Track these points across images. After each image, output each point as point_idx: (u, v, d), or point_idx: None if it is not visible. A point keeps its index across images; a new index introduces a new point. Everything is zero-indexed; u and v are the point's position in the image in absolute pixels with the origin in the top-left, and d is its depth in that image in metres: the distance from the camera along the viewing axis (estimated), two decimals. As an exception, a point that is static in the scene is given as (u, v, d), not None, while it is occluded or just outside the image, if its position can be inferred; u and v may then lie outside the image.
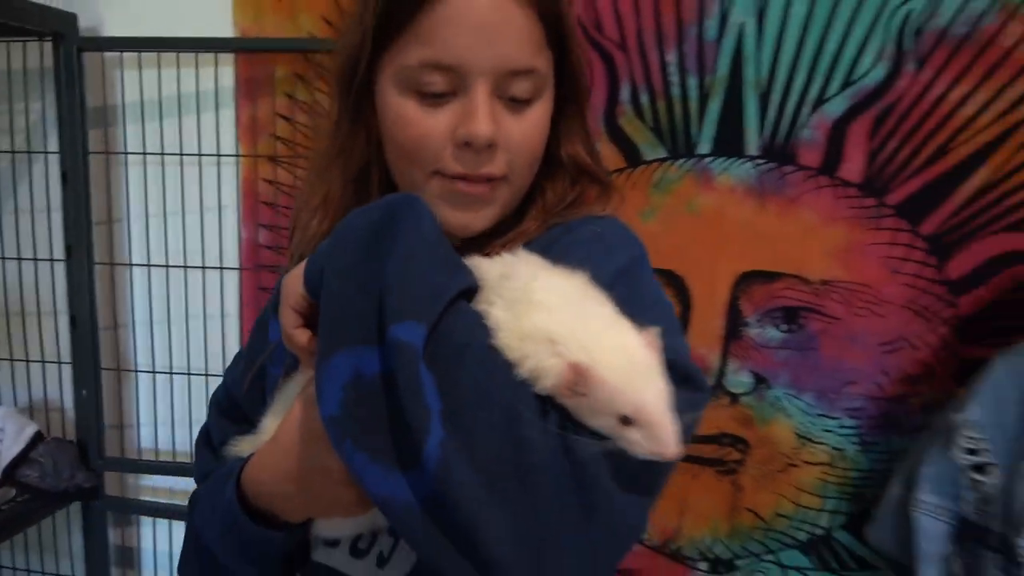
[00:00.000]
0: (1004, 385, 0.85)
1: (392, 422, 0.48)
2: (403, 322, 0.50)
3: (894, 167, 1.04)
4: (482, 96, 0.61)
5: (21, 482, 1.26)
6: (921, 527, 0.85)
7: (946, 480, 0.85)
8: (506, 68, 0.61)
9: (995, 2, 0.98)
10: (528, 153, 0.66)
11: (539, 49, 0.63)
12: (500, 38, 0.60)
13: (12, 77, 1.31)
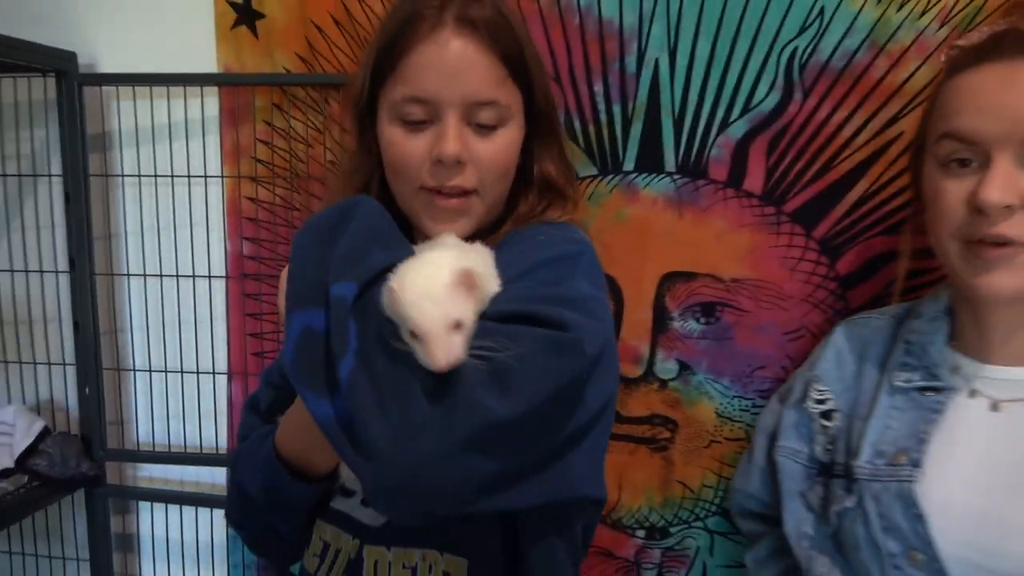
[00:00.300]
0: (843, 347, 0.98)
1: (326, 362, 0.62)
2: (340, 282, 0.64)
3: (788, 180, 1.17)
4: (451, 122, 0.76)
5: (32, 470, 1.37)
6: (784, 468, 0.97)
7: (802, 427, 0.97)
8: (471, 100, 0.75)
9: (866, 39, 1.11)
10: (496, 169, 0.79)
11: (501, 84, 0.77)
12: (465, 77, 0.75)
13: (19, 108, 1.42)
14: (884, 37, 1.11)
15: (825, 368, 0.98)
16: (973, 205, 0.77)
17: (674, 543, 1.32)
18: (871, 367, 0.93)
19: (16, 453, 1.38)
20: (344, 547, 0.82)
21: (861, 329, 0.99)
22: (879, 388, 0.89)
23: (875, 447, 0.86)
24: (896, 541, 0.82)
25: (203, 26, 1.34)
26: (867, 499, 0.84)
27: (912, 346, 0.90)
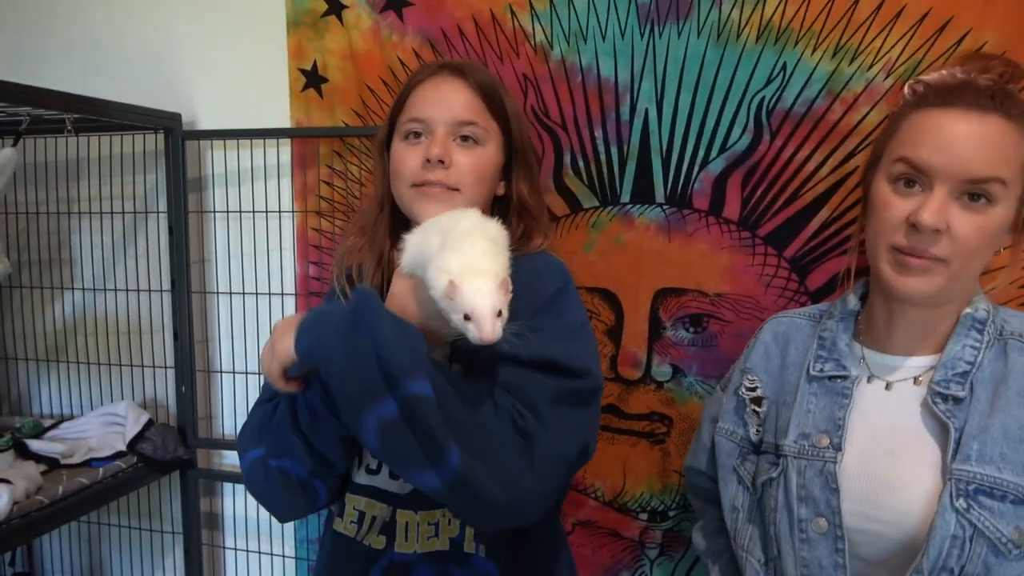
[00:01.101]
0: (769, 342, 1.12)
1: (421, 446, 0.78)
2: (410, 379, 0.77)
3: (761, 208, 1.35)
4: (440, 134, 1.02)
5: (140, 453, 1.63)
6: (721, 447, 1.11)
7: (738, 411, 1.11)
8: (456, 119, 1.02)
9: (823, 88, 1.29)
10: (473, 174, 1.01)
11: (481, 113, 1.04)
12: (452, 103, 1.03)
13: (135, 159, 1.74)
14: (839, 86, 1.30)
15: (755, 361, 1.13)
16: (911, 222, 0.91)
17: (672, 525, 1.50)
18: (793, 361, 1.08)
19: (128, 439, 1.67)
20: (378, 513, 1.01)
21: (784, 327, 1.14)
22: (800, 377, 1.04)
23: (799, 429, 1.01)
24: (808, 508, 0.97)
25: (279, 90, 1.62)
26: (791, 471, 0.99)
27: (825, 341, 1.05)
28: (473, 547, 0.99)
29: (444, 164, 1.00)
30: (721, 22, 1.34)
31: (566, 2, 1.42)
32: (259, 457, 0.95)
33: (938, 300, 0.96)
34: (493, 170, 1.05)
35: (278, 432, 0.94)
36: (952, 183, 0.90)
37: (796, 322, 1.13)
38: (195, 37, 1.70)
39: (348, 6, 1.56)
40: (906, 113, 0.98)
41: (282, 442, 0.93)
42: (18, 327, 1.88)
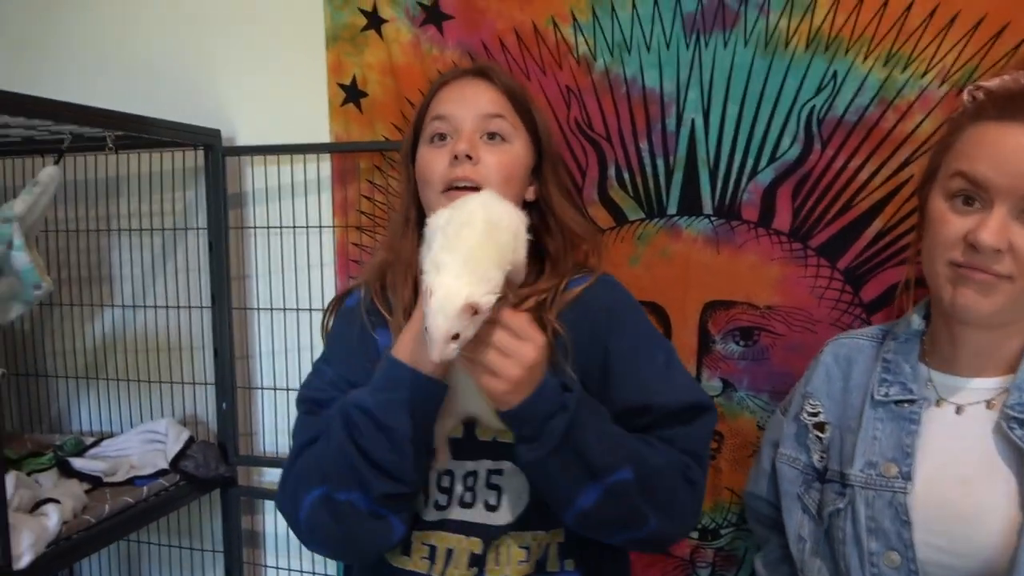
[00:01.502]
0: (831, 365, 1.09)
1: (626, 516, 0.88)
2: (617, 468, 0.85)
3: (813, 219, 1.33)
4: (466, 130, 0.99)
5: (183, 470, 1.62)
6: (783, 474, 1.08)
7: (799, 437, 1.07)
8: (482, 112, 0.99)
9: (875, 97, 1.27)
10: (501, 172, 0.96)
11: (506, 109, 1.01)
12: (477, 98, 1.00)
13: (175, 175, 1.75)
14: (892, 94, 1.28)
15: (816, 384, 1.09)
16: (969, 240, 0.88)
17: (725, 543, 1.47)
18: (856, 384, 1.04)
19: (169, 456, 1.66)
20: (463, 546, 0.96)
21: (846, 349, 1.10)
22: (864, 402, 1.00)
23: (865, 457, 0.97)
24: (878, 541, 0.93)
25: (319, 105, 1.62)
26: (859, 501, 0.95)
27: (889, 363, 1.02)
28: (557, 565, 0.97)
29: (471, 160, 0.96)
30: (769, 31, 1.33)
31: (609, 13, 1.41)
32: (322, 496, 0.88)
33: (999, 320, 0.92)
34: (522, 170, 1.01)
35: (339, 465, 0.88)
36: (1012, 200, 0.87)
37: (858, 343, 1.10)
38: (234, 54, 1.71)
39: (387, 20, 1.56)
40: (963, 125, 0.95)
41: (346, 474, 0.87)
42: (58, 345, 1.89)
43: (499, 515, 0.95)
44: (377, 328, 1.01)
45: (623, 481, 0.85)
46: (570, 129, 1.45)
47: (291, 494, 0.93)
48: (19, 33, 1.86)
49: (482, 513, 0.96)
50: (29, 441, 1.80)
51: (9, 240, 1.45)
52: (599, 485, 0.84)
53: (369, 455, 0.86)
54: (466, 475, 0.96)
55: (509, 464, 0.95)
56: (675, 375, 0.98)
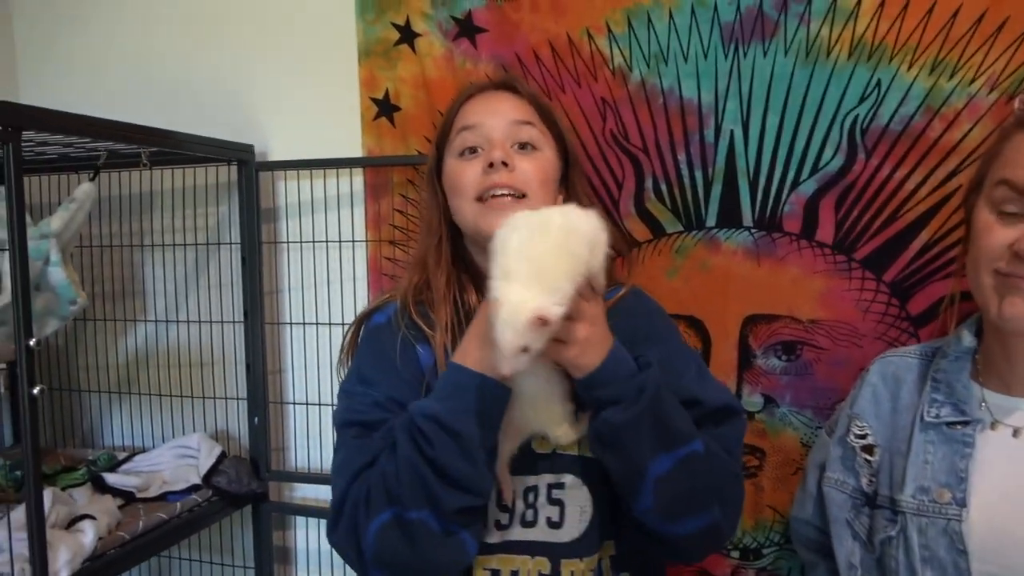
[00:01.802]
0: (878, 385, 1.05)
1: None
2: (693, 438, 0.87)
3: (857, 231, 1.30)
4: (497, 139, 0.98)
5: (215, 486, 1.62)
6: (831, 498, 1.04)
7: (847, 460, 1.04)
8: (512, 119, 0.98)
9: (921, 105, 1.25)
10: (536, 177, 0.97)
11: (534, 118, 1.01)
12: (505, 108, 1.01)
13: (208, 190, 1.76)
14: (938, 102, 1.25)
15: (863, 405, 1.06)
16: (1015, 250, 0.86)
17: (767, 564, 1.43)
18: (905, 404, 1.01)
19: (202, 472, 1.66)
20: (529, 567, 0.94)
21: (893, 367, 1.07)
22: (913, 424, 0.97)
23: (917, 482, 0.93)
24: (933, 571, 0.90)
25: (351, 119, 1.62)
26: (911, 529, 0.92)
27: (939, 383, 0.98)
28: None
29: (507, 167, 0.95)
30: (809, 40, 1.30)
31: (645, 24, 1.39)
32: (392, 519, 0.85)
33: None
34: (555, 175, 1.01)
35: (408, 482, 0.84)
36: None
37: (907, 361, 1.06)
38: (267, 69, 1.72)
39: (420, 34, 1.55)
40: (1010, 134, 0.93)
41: (416, 490, 0.84)
42: (91, 359, 1.90)
43: (563, 532, 0.93)
44: (418, 343, 0.99)
45: (696, 453, 0.86)
46: (606, 141, 1.44)
47: (349, 524, 0.88)
48: (53, 51, 1.88)
49: (545, 531, 0.93)
50: (62, 456, 1.80)
51: (46, 256, 1.46)
52: (672, 455, 0.84)
53: (440, 465, 0.82)
54: (526, 491, 0.94)
55: (571, 477, 0.93)
56: (708, 380, 1.01)
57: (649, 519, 0.88)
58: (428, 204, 1.08)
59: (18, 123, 1.16)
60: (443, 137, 1.04)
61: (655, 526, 0.88)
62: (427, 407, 0.85)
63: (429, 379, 0.95)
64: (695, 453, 0.86)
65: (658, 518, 0.87)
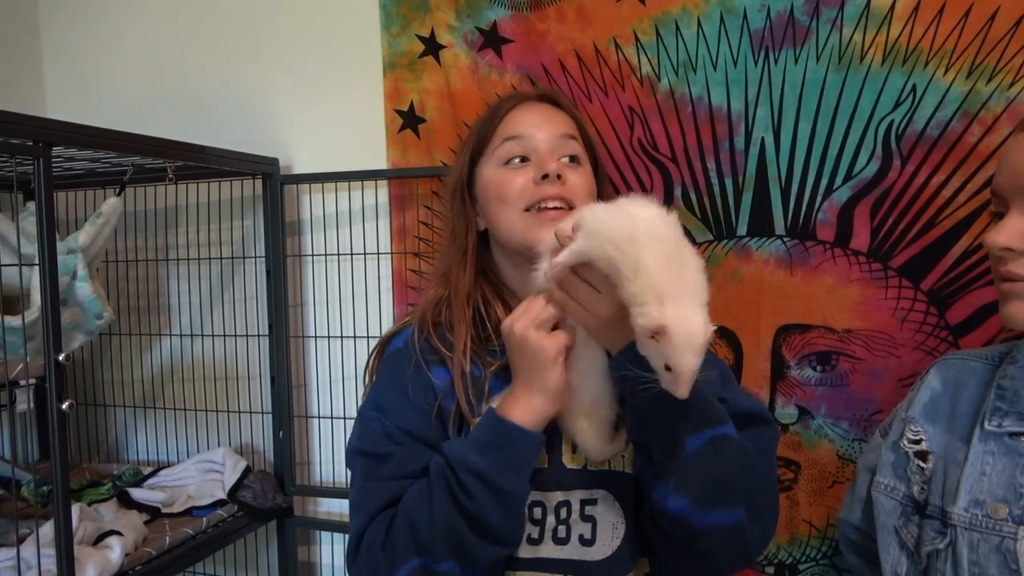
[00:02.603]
0: (937, 389, 1.00)
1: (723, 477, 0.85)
2: (725, 421, 0.85)
3: (893, 238, 1.28)
4: (546, 151, 0.95)
5: (241, 501, 1.61)
6: (880, 504, 0.99)
7: (899, 466, 0.98)
8: (559, 133, 0.96)
9: (958, 110, 1.23)
10: (585, 191, 0.95)
11: (576, 131, 0.98)
12: (550, 120, 0.98)
13: (233, 204, 1.76)
14: (976, 107, 1.22)
15: (919, 409, 1.01)
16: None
17: (802, 580, 1.40)
18: (965, 411, 0.96)
19: (227, 487, 1.65)
20: None
21: (956, 371, 1.01)
22: (972, 433, 0.92)
23: (971, 495, 0.88)
24: None
25: (375, 132, 1.62)
26: (961, 544, 0.87)
27: (1005, 391, 0.92)
28: None
29: (560, 180, 0.93)
30: (842, 45, 1.28)
31: (674, 33, 1.38)
32: (420, 568, 0.82)
33: None
34: (595, 189, 0.99)
35: (442, 534, 0.82)
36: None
37: (970, 365, 1.01)
38: (291, 82, 1.72)
39: (445, 46, 1.55)
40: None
41: (451, 543, 0.82)
42: (116, 374, 1.90)
43: (595, 550, 0.90)
44: (432, 367, 0.95)
45: (728, 436, 0.84)
46: (633, 150, 1.42)
47: (369, 566, 0.86)
48: (79, 67, 1.90)
49: (578, 548, 0.91)
50: (88, 471, 1.80)
51: (73, 271, 1.46)
52: (705, 434, 0.82)
53: (481, 522, 0.81)
54: (558, 506, 0.91)
55: (603, 492, 0.90)
56: (733, 384, 0.98)
57: (675, 506, 0.83)
58: (454, 214, 1.04)
59: (48, 139, 1.17)
60: (481, 145, 1.01)
61: (680, 513, 0.83)
62: (470, 460, 0.82)
63: (443, 401, 0.92)
64: (727, 437, 0.84)
65: (685, 504, 0.83)
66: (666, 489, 0.83)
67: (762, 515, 0.87)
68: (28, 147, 1.13)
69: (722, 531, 0.83)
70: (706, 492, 0.82)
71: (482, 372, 0.93)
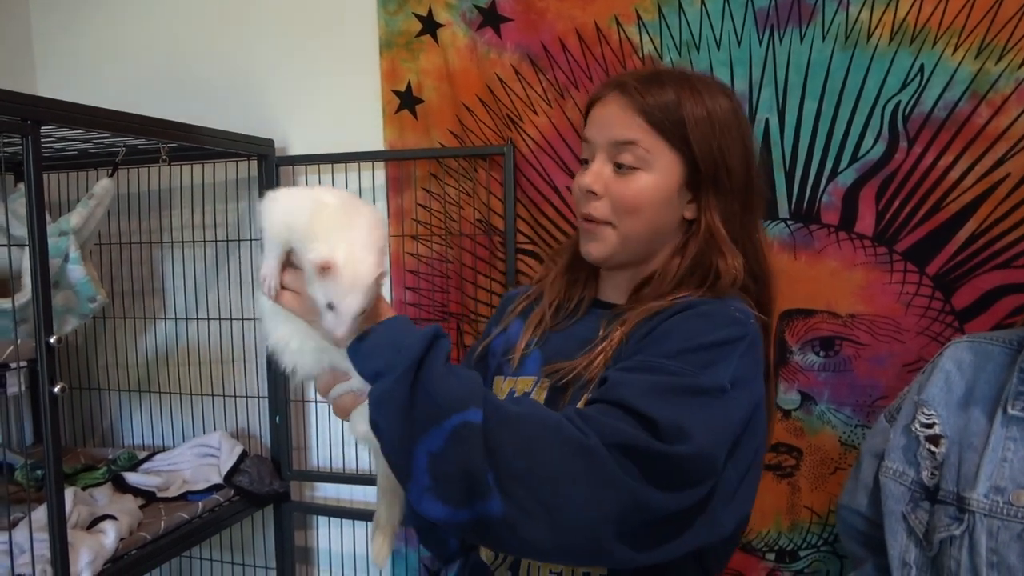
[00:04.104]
0: (952, 372, 0.98)
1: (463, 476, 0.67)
2: (466, 409, 0.67)
3: (899, 222, 1.26)
4: (596, 160, 0.88)
5: (237, 486, 1.60)
6: (888, 489, 0.98)
7: (909, 451, 0.98)
8: (613, 140, 0.87)
9: (966, 90, 1.20)
10: (626, 205, 0.86)
11: (642, 131, 0.85)
12: (611, 122, 0.87)
13: (227, 186, 1.73)
14: (984, 87, 1.20)
15: (933, 392, 0.99)
16: None
17: (804, 567, 1.39)
18: (983, 395, 0.94)
19: (223, 471, 1.64)
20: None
21: (971, 354, 1.00)
22: (993, 417, 0.91)
23: (992, 481, 0.87)
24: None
25: (372, 112, 1.60)
26: (979, 531, 0.86)
27: None
28: None
29: (595, 195, 0.88)
30: (849, 24, 1.26)
31: (676, 11, 1.35)
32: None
33: None
34: (659, 196, 0.87)
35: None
36: None
37: (987, 348, 0.99)
38: (287, 62, 1.69)
39: (443, 25, 1.52)
40: None
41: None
42: (110, 358, 1.88)
43: None
44: (514, 321, 0.98)
45: (470, 423, 0.68)
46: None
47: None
48: (71, 47, 1.86)
49: None
50: (82, 455, 1.78)
51: (65, 253, 1.44)
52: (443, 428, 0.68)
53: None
54: None
55: None
56: (656, 382, 0.74)
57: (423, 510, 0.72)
58: None
59: (37, 116, 1.14)
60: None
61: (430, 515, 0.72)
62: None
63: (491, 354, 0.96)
64: (469, 424, 0.68)
65: (429, 509, 0.71)
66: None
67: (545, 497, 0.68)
68: (16, 124, 1.11)
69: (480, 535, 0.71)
70: (447, 493, 0.69)
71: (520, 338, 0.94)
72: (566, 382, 0.85)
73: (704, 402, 0.74)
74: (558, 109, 1.46)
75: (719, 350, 0.77)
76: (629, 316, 0.85)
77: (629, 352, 0.81)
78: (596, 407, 0.73)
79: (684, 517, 0.73)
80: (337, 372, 0.78)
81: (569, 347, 0.88)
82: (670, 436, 0.69)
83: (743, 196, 0.87)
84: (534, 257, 1.51)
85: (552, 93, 1.46)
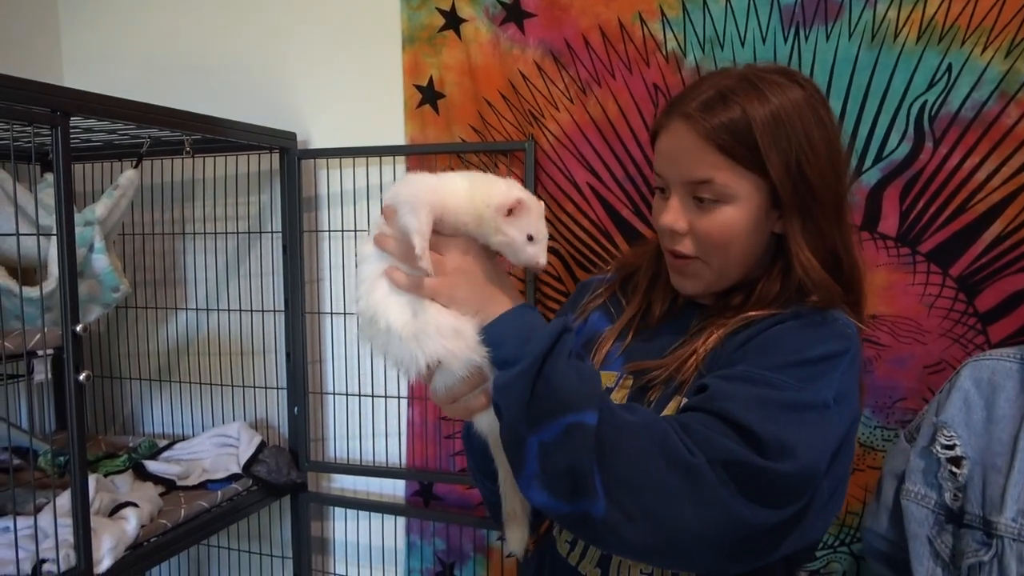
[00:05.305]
0: (970, 391, 0.97)
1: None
2: (582, 410, 0.70)
3: (923, 222, 1.25)
4: (674, 198, 0.84)
5: (255, 475, 1.61)
6: (910, 513, 0.97)
7: (930, 472, 0.97)
8: (687, 179, 0.83)
9: (995, 90, 1.19)
10: (712, 240, 0.82)
11: (717, 166, 0.80)
12: (681, 159, 0.83)
13: (250, 179, 1.75)
14: (1014, 87, 1.18)
15: (952, 413, 0.98)
16: None
17: (820, 567, 1.38)
18: (1003, 412, 0.93)
19: (242, 461, 1.65)
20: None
21: (989, 372, 0.99)
22: (1017, 437, 0.90)
23: (1019, 504, 0.86)
24: None
25: (394, 107, 1.61)
26: (1009, 556, 0.85)
27: None
28: None
29: (680, 233, 0.85)
30: (876, 23, 1.25)
31: (701, 8, 1.35)
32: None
33: None
34: (746, 226, 0.83)
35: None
36: None
37: (1004, 366, 0.98)
38: (309, 56, 1.70)
39: (466, 20, 1.52)
40: None
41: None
42: (132, 347, 1.90)
43: None
44: (595, 311, 0.97)
45: (585, 424, 0.71)
46: (657, 129, 1.39)
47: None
48: (95, 39, 1.88)
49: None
50: (103, 442, 1.81)
51: (90, 243, 1.46)
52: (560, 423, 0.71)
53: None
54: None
55: None
56: (762, 395, 0.74)
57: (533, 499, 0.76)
58: None
59: (66, 108, 1.15)
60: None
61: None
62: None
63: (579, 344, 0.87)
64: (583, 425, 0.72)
65: (539, 498, 0.75)
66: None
67: (646, 504, 0.71)
68: (46, 115, 1.12)
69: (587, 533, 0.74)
70: (555, 489, 0.72)
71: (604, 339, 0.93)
72: (653, 382, 0.84)
73: (807, 418, 0.74)
74: (580, 106, 1.46)
75: (824, 364, 0.77)
76: (726, 321, 0.83)
77: (726, 359, 0.81)
78: (698, 417, 0.73)
79: (781, 530, 0.74)
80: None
81: (654, 346, 0.87)
82: (773, 453, 0.70)
83: (832, 204, 0.82)
84: (554, 254, 1.51)
85: (574, 89, 1.46)
